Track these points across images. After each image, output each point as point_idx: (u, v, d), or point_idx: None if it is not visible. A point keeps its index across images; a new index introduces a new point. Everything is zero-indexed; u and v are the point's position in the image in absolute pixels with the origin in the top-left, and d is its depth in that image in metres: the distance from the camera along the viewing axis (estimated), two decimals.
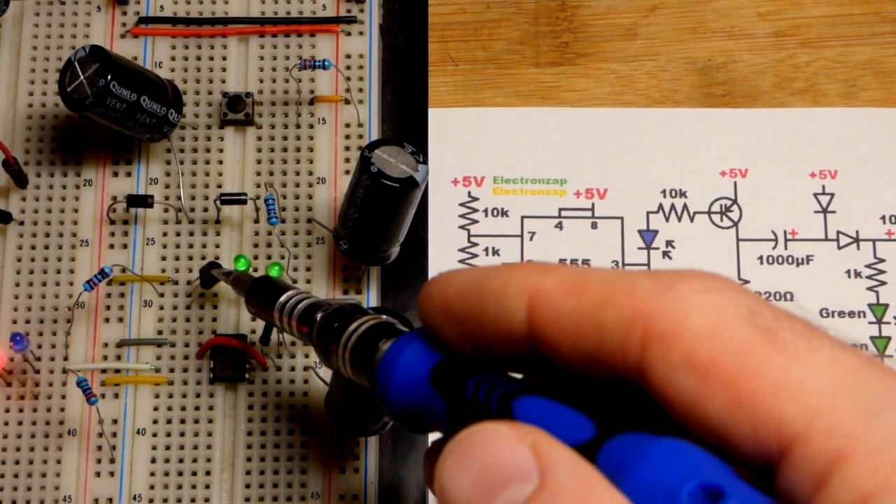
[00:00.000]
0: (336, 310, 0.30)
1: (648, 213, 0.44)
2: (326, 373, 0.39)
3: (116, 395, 0.39)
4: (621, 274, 0.20)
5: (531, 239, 0.44)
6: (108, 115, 0.38)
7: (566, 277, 0.21)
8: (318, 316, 0.31)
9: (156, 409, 0.39)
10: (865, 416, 0.18)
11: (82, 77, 0.37)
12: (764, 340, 0.19)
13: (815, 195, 0.44)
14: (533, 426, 0.20)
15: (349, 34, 0.43)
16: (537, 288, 0.21)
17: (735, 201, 0.44)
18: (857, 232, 0.44)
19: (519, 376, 0.23)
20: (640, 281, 0.20)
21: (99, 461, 0.38)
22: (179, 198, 0.41)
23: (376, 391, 0.26)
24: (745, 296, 0.19)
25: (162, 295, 0.40)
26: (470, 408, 0.22)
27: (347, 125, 0.42)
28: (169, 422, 0.39)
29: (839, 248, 0.43)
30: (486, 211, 0.44)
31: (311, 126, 0.42)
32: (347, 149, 0.41)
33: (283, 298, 0.33)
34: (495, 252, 0.43)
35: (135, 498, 0.38)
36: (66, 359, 0.39)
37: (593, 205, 0.44)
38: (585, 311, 0.20)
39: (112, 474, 0.38)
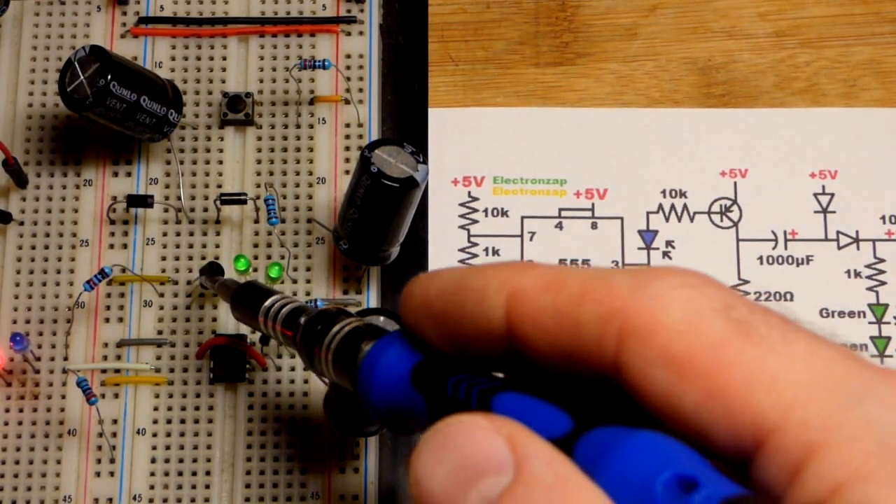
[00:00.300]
0: (319, 313, 0.30)
1: (648, 213, 0.44)
2: None
3: (116, 395, 0.39)
4: (598, 271, 0.21)
5: (531, 239, 0.44)
6: (108, 115, 0.38)
7: (544, 275, 0.21)
8: (302, 319, 0.31)
9: (156, 409, 0.39)
10: (840, 408, 0.18)
11: (82, 77, 0.37)
12: (739, 334, 0.19)
13: (815, 195, 0.44)
14: (509, 419, 0.20)
15: (349, 34, 0.43)
16: (516, 286, 0.21)
17: (735, 201, 0.44)
18: (857, 232, 0.44)
19: (500, 375, 0.23)
20: (616, 278, 0.20)
21: (99, 461, 0.38)
22: (179, 198, 0.41)
23: (358, 392, 0.26)
24: (720, 290, 0.20)
25: (162, 295, 0.40)
26: (450, 406, 0.22)
27: (347, 125, 0.42)
28: (169, 422, 0.39)
29: (839, 248, 0.43)
30: (486, 211, 0.44)
31: (311, 126, 0.42)
32: (347, 149, 0.41)
33: (267, 303, 0.33)
34: (495, 252, 0.43)
35: (135, 498, 0.38)
36: (66, 359, 0.39)
37: (593, 205, 0.44)
38: (562, 308, 0.20)
39: (112, 474, 0.38)
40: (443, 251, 0.43)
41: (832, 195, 0.44)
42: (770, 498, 0.18)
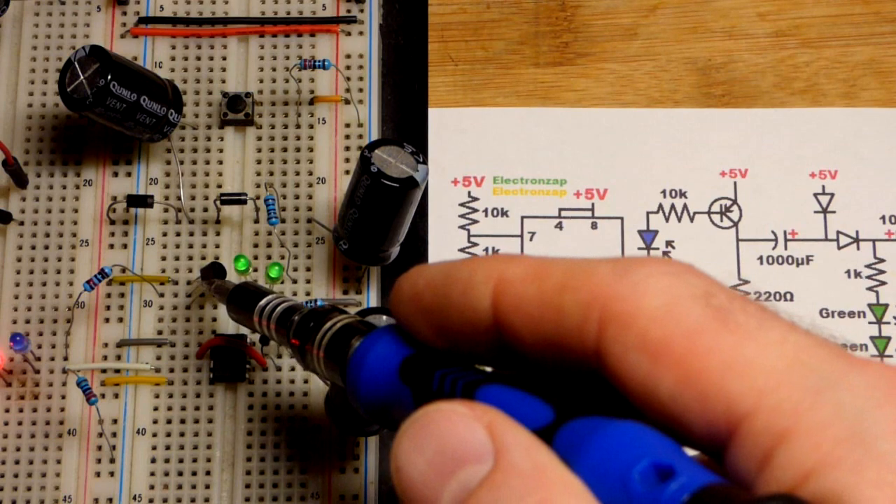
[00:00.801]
0: (312, 311, 0.30)
1: (648, 213, 0.44)
2: None
3: (116, 395, 0.39)
4: (581, 261, 0.21)
5: (531, 239, 0.44)
6: (108, 115, 0.38)
7: (529, 265, 0.21)
8: (295, 317, 0.31)
9: (156, 409, 0.39)
10: (811, 394, 0.18)
11: (82, 77, 0.37)
12: (716, 320, 0.19)
13: (815, 195, 0.44)
14: (489, 407, 0.20)
15: (349, 34, 0.43)
16: (501, 276, 0.22)
17: (735, 201, 0.44)
18: (857, 232, 0.44)
19: (488, 369, 0.23)
20: (598, 266, 0.20)
21: (99, 461, 0.38)
22: (179, 198, 0.41)
23: (347, 387, 0.26)
24: (699, 278, 0.20)
25: (162, 295, 0.40)
26: (435, 398, 0.22)
27: (347, 125, 0.42)
28: (169, 422, 0.39)
29: (839, 248, 0.43)
30: (486, 211, 0.44)
31: (311, 126, 0.42)
32: (347, 149, 0.41)
33: (262, 302, 0.33)
34: (495, 252, 0.43)
35: (135, 498, 0.38)
36: (66, 359, 0.39)
37: (593, 205, 0.44)
38: (546, 297, 0.21)
39: (112, 474, 0.38)
40: (443, 251, 0.43)
41: (832, 195, 0.44)
42: (743, 485, 0.18)
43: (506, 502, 0.18)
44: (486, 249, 0.43)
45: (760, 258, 0.43)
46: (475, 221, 0.44)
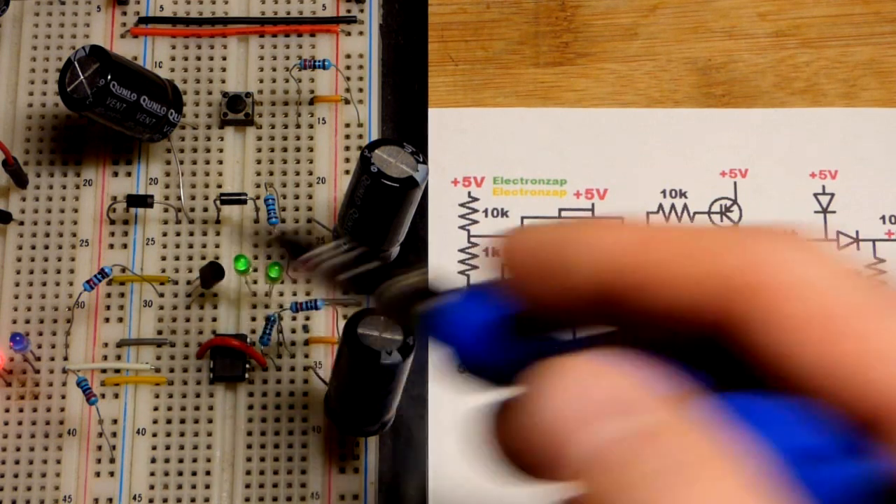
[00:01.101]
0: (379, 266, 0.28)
1: (648, 213, 0.44)
2: (326, 373, 0.39)
3: (116, 395, 0.39)
4: (728, 230, 0.20)
5: None
6: (108, 115, 0.38)
7: (637, 232, 0.21)
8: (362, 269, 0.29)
9: (156, 409, 0.39)
10: None
11: (82, 77, 0.37)
12: (860, 304, 0.18)
13: (815, 195, 0.44)
14: (638, 366, 0.19)
15: (349, 34, 0.43)
16: (612, 242, 0.21)
17: (735, 201, 0.44)
18: (857, 232, 0.44)
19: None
20: (751, 236, 0.20)
21: (99, 461, 0.38)
22: (179, 198, 0.41)
23: (439, 338, 0.24)
24: (841, 259, 0.19)
25: (162, 295, 0.40)
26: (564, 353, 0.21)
27: (347, 125, 0.42)
28: (169, 422, 0.39)
29: (839, 248, 0.43)
30: (486, 211, 0.44)
31: (311, 126, 0.42)
32: (347, 149, 0.41)
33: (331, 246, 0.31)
34: (496, 253, 0.43)
35: (135, 498, 0.38)
36: (66, 359, 0.39)
37: (593, 205, 0.44)
38: (691, 271, 0.20)
39: (112, 474, 0.38)
40: (443, 251, 0.43)
41: (832, 195, 0.44)
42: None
43: (663, 467, 0.17)
44: (487, 250, 0.43)
45: None
46: (475, 222, 0.44)
